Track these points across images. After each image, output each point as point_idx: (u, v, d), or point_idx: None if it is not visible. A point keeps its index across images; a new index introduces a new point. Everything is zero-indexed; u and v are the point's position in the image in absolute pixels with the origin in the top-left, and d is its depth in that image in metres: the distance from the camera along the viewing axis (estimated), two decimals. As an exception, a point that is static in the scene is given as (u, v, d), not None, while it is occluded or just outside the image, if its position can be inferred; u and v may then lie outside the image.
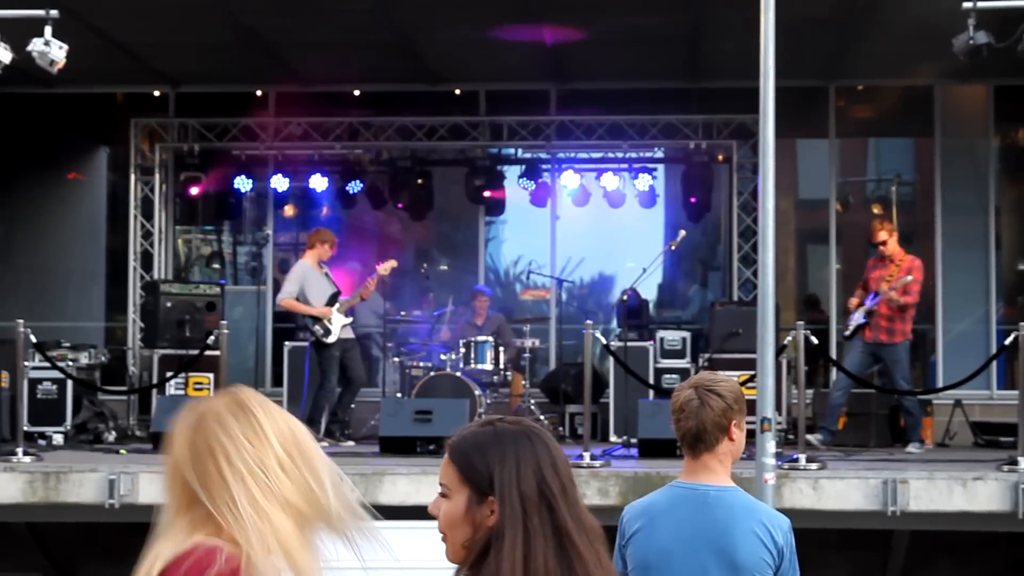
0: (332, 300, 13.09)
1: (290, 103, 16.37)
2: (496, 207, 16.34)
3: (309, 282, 13.09)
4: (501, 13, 13.64)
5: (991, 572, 12.51)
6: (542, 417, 14.33)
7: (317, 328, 12.98)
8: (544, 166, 16.20)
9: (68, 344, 14.53)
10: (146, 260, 16.12)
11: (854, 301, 12.86)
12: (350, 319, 13.23)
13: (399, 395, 13.95)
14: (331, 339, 12.98)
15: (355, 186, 16.03)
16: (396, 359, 14.45)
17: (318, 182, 15.95)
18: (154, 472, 10.36)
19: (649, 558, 4.02)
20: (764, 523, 4.01)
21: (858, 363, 12.72)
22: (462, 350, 13.92)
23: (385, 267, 13.44)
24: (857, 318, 12.64)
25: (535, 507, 2.55)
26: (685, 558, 3.98)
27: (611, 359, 13.40)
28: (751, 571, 3.97)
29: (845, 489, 10.09)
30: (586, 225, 16.21)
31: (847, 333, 12.95)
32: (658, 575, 4.00)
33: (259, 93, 16.53)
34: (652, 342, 14.34)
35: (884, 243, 12.58)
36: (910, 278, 12.22)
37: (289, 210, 16.41)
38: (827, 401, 12.97)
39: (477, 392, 13.57)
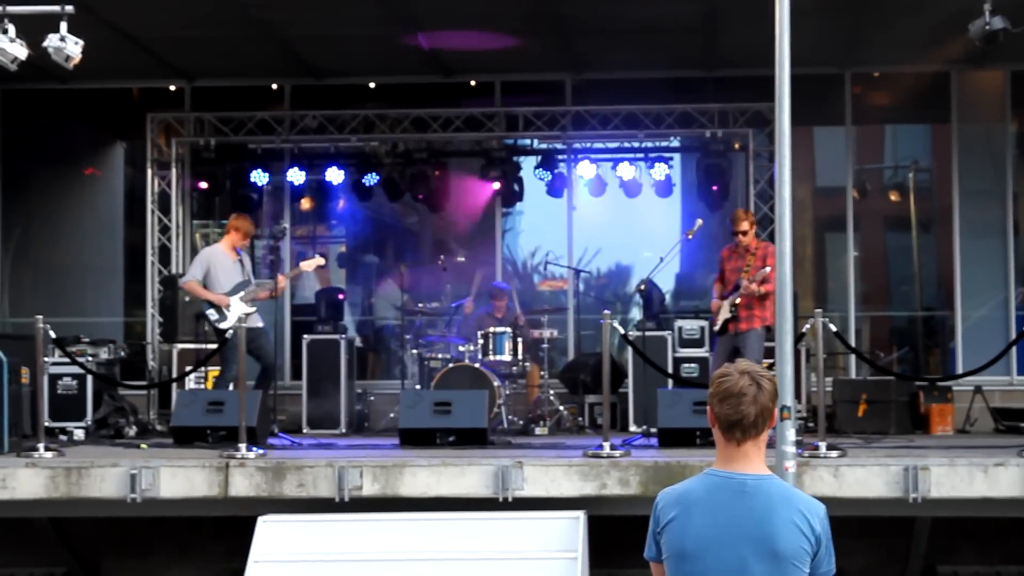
0: (237, 289, 12.60)
1: (305, 96, 16.41)
2: (512, 198, 16.30)
3: (216, 267, 12.62)
4: (511, 3, 13.63)
5: (1013, 558, 12.46)
6: (562, 408, 14.34)
7: (211, 312, 12.56)
8: (560, 156, 16.19)
9: (87, 339, 14.57)
10: (164, 255, 16.14)
11: (716, 303, 12.28)
12: (253, 309, 12.56)
13: (418, 387, 13.97)
14: (225, 324, 12.38)
15: (371, 178, 16.05)
16: (414, 351, 14.46)
17: (334, 175, 15.98)
18: (175, 466, 10.39)
19: (685, 547, 3.97)
20: (802, 511, 3.97)
21: (726, 358, 12.04)
22: (480, 341, 13.92)
23: (309, 263, 13.09)
24: (724, 315, 12.19)
25: None
26: (723, 548, 3.94)
27: (629, 349, 13.38)
28: (791, 560, 3.92)
29: (866, 476, 10.05)
30: (603, 215, 16.19)
31: (716, 328, 12.36)
32: (694, 564, 3.96)
33: (274, 87, 16.55)
34: (670, 332, 14.33)
35: (745, 233, 12.10)
36: (768, 269, 11.74)
37: (306, 203, 16.47)
38: None
39: (496, 383, 13.59)
